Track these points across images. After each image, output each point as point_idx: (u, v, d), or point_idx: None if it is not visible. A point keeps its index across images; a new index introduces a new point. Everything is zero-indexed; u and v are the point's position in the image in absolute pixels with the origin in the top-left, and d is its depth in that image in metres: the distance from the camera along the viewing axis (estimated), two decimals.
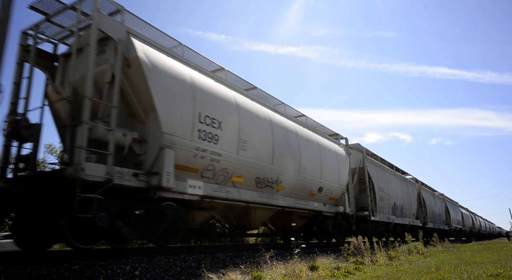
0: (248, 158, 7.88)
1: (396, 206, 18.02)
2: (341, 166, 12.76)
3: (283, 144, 9.31)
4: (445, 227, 29.16)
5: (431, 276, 5.22)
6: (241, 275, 5.13)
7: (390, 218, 16.84)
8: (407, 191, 20.68)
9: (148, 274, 4.98)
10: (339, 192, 12.51)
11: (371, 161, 16.46)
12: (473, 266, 6.48)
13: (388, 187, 17.22)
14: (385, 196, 16.48)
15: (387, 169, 18.69)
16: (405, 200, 19.63)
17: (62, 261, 4.58)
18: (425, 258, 9.67)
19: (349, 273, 6.11)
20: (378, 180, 15.99)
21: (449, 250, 13.94)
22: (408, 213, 20.12)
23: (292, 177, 9.65)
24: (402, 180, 20.88)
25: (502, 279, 4.79)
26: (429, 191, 27.46)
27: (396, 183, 19.06)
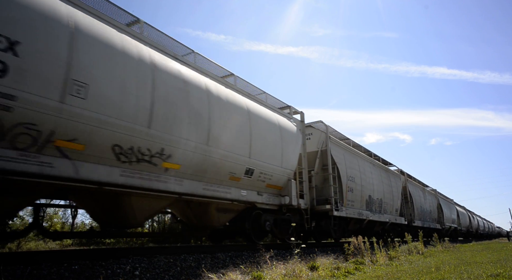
0: (89, 112, 4.97)
1: (373, 200, 14.99)
2: (288, 145, 9.59)
3: (175, 102, 6.36)
4: (436, 226, 26.16)
5: (431, 276, 5.22)
6: (241, 275, 5.13)
7: (362, 214, 13.83)
8: (389, 184, 17.52)
9: (148, 274, 4.98)
10: (284, 178, 9.38)
11: (338, 143, 13.36)
12: (473, 266, 6.48)
13: (361, 176, 14.16)
14: (356, 187, 13.56)
15: (361, 155, 15.43)
16: (385, 194, 16.47)
17: (62, 261, 4.58)
18: (425, 258, 9.67)
19: (349, 273, 6.11)
20: (346, 167, 13.06)
21: (449, 250, 13.94)
22: (390, 209, 17.05)
23: (193, 151, 6.59)
24: (383, 170, 17.66)
25: (502, 279, 4.79)
26: (417, 185, 24.34)
27: (374, 173, 15.96)
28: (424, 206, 23.71)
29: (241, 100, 8.32)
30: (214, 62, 8.46)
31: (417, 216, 21.59)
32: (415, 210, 21.28)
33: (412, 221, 20.51)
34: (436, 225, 26.29)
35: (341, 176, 12.47)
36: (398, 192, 18.75)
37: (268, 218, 9.19)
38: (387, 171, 18.49)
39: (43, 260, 4.47)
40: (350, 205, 12.96)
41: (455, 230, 33.39)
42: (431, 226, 24.58)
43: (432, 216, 25.75)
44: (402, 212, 19.27)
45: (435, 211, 26.91)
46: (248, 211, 8.71)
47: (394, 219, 17.59)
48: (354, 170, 13.77)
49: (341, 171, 12.56)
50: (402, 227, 19.13)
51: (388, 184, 17.53)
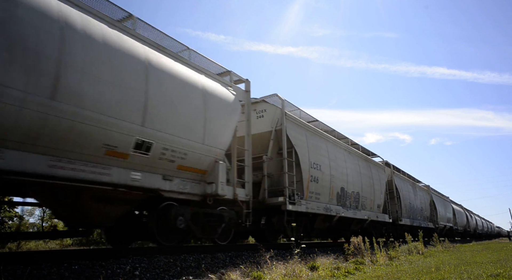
0: None
1: (346, 194, 12.71)
2: (217, 117, 7.36)
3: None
4: (429, 225, 23.98)
5: (431, 276, 5.22)
6: (241, 275, 5.13)
7: (331, 209, 11.39)
8: (369, 175, 15.08)
9: (148, 274, 4.98)
10: (208, 159, 7.11)
11: (298, 123, 10.75)
12: (473, 266, 6.49)
13: (331, 165, 11.82)
14: (324, 177, 11.20)
15: (332, 140, 12.92)
16: (363, 187, 14.19)
17: (62, 261, 4.58)
18: (425, 258, 9.68)
19: (349, 273, 6.11)
20: (309, 152, 10.65)
21: (449, 250, 13.94)
22: (369, 205, 14.64)
23: (19, 106, 4.38)
24: (362, 159, 15.18)
25: (502, 279, 4.79)
26: (406, 180, 21.94)
27: (350, 162, 13.55)
28: (414, 202, 21.40)
29: (137, 47, 6.04)
30: None
31: (405, 214, 19.35)
32: (402, 207, 19.00)
33: (398, 219, 18.29)
34: (428, 223, 24.18)
35: (302, 162, 9.98)
36: (381, 185, 16.26)
37: (182, 212, 6.80)
38: (368, 161, 15.90)
39: (43, 260, 4.47)
40: (314, 198, 10.54)
41: (450, 230, 31.65)
42: (422, 225, 22.42)
43: (424, 214, 23.64)
44: (386, 209, 16.94)
45: (427, 208, 24.63)
46: (154, 202, 6.61)
47: (375, 216, 15.13)
48: (321, 157, 11.29)
49: (302, 156, 10.08)
50: (386, 225, 17.08)
51: (368, 175, 15.03)
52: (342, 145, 13.70)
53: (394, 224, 17.96)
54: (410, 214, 20.38)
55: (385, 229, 17.22)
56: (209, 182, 7.24)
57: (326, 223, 12.01)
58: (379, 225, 16.61)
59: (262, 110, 10.27)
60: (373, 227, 15.78)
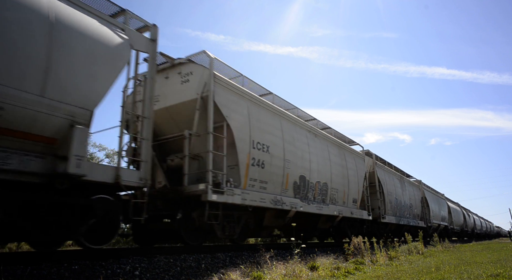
0: None
1: (308, 184, 10.25)
2: (78, 63, 4.97)
3: None
4: (419, 223, 21.74)
5: (431, 276, 5.22)
6: (241, 275, 5.14)
7: (283, 202, 8.87)
8: (343, 165, 12.78)
9: (148, 274, 4.98)
10: (56, 121, 4.70)
11: (234, 88, 8.19)
12: (473, 266, 6.49)
13: (285, 147, 9.31)
14: (273, 161, 8.74)
15: (289, 118, 10.16)
16: (334, 177, 11.86)
17: (62, 261, 4.59)
18: (425, 258, 9.68)
19: (349, 273, 6.11)
20: (252, 127, 8.23)
21: (449, 250, 13.96)
22: (342, 199, 12.37)
23: None
24: (333, 145, 12.61)
25: (502, 279, 4.80)
26: (392, 173, 19.34)
27: (315, 147, 11.02)
28: (401, 198, 19.02)
29: None
30: None
31: (390, 211, 17.02)
32: (386, 203, 16.60)
33: (381, 216, 15.80)
34: (419, 222, 21.94)
35: (238, 140, 7.66)
36: (359, 177, 13.86)
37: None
38: (342, 148, 13.38)
39: (43, 260, 4.47)
40: (258, 188, 8.18)
41: (445, 229, 29.26)
42: (411, 223, 20.16)
43: (414, 212, 21.35)
44: (365, 205, 14.73)
45: (418, 205, 22.31)
46: None
47: (350, 212, 12.73)
48: (271, 136, 8.88)
49: (238, 132, 7.74)
50: (364, 223, 14.77)
51: (342, 165, 12.65)
52: (305, 126, 11.03)
53: (376, 222, 15.70)
54: (396, 211, 17.89)
55: (365, 227, 14.84)
56: (61, 157, 4.71)
57: (279, 219, 9.55)
58: (356, 223, 14.22)
59: (188, 73, 7.89)
60: (348, 226, 13.67)
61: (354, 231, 14.06)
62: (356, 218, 13.55)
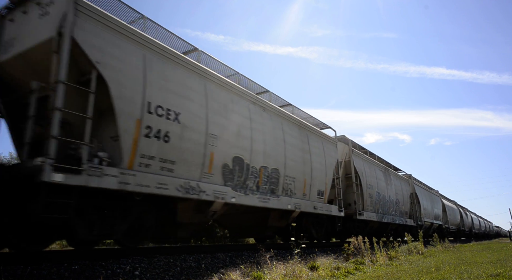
0: None
1: (248, 169, 7.96)
2: None
3: None
4: (407, 222, 19.42)
5: (431, 276, 5.22)
6: (241, 275, 5.14)
7: (200, 190, 6.62)
8: (301, 147, 10.20)
9: (148, 274, 4.98)
10: None
11: (111, 24, 5.71)
12: (473, 266, 6.49)
13: (208, 117, 7.09)
14: (186, 135, 6.54)
15: (217, 79, 7.65)
16: (289, 163, 9.42)
17: (62, 261, 4.59)
18: (425, 258, 9.68)
19: (349, 273, 6.11)
20: (146, 83, 5.97)
21: (449, 250, 13.97)
22: (302, 190, 9.93)
23: None
24: (290, 124, 10.01)
25: (502, 279, 4.80)
26: (374, 163, 16.66)
27: (263, 123, 8.74)
28: (385, 193, 16.50)
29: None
30: None
31: (370, 206, 14.51)
32: (365, 197, 14.05)
33: (357, 213, 13.32)
34: (407, 220, 19.64)
35: (117, 97, 5.38)
36: (327, 165, 11.41)
37: None
38: (304, 129, 10.68)
39: (43, 260, 4.47)
40: (156, 168, 5.91)
41: (439, 228, 26.94)
42: (397, 221, 17.71)
43: (401, 209, 18.96)
44: (336, 198, 12.15)
45: (406, 202, 19.98)
46: None
47: (312, 207, 10.22)
48: (186, 101, 6.57)
49: (118, 86, 5.46)
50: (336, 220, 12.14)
51: (303, 148, 10.21)
52: (247, 96, 8.48)
53: (351, 220, 13.45)
54: (378, 207, 15.47)
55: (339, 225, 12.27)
56: None
57: (200, 215, 7.23)
58: (324, 220, 11.80)
59: (49, 2, 5.49)
60: (313, 223, 11.22)
61: (321, 230, 11.65)
62: (322, 215, 11.16)
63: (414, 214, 21.33)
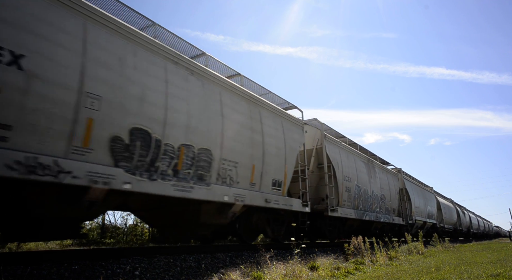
0: None
1: (152, 143, 5.74)
2: None
3: None
4: (394, 220, 17.22)
5: (431, 276, 5.22)
6: (241, 275, 5.14)
7: (41, 166, 4.20)
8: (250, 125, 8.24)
9: (148, 274, 4.98)
10: None
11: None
12: (473, 266, 6.49)
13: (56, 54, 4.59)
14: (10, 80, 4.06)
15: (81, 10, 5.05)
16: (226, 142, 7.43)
17: (62, 261, 4.59)
18: (425, 258, 9.69)
19: (349, 273, 6.11)
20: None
21: (449, 250, 13.98)
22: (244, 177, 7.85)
23: None
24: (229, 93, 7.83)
25: (502, 279, 4.80)
26: (354, 153, 14.52)
27: (183, 78, 6.65)
28: (367, 187, 14.44)
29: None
30: None
31: (347, 201, 12.53)
32: (341, 191, 12.10)
33: (328, 209, 11.15)
34: (395, 218, 17.45)
35: None
36: (287, 150, 9.28)
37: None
38: (255, 104, 8.61)
39: (43, 260, 4.48)
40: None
41: (433, 228, 24.88)
42: (382, 219, 15.52)
43: (388, 205, 16.79)
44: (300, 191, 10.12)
45: (394, 198, 17.69)
46: None
47: (264, 200, 8.14)
48: (27, 35, 4.37)
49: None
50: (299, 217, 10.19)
51: (251, 127, 8.17)
52: (165, 52, 6.39)
53: (320, 217, 11.37)
54: (358, 203, 13.35)
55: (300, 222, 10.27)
56: None
57: (67, 206, 5.06)
58: (285, 217, 9.79)
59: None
60: (269, 220, 9.21)
61: (280, 229, 9.64)
62: (279, 210, 9.14)
63: (404, 212, 19.39)
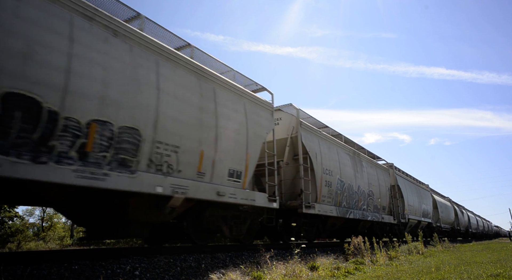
0: None
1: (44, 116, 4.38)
2: None
3: None
4: (384, 219, 15.66)
5: (431, 276, 5.22)
6: (241, 275, 5.14)
7: None
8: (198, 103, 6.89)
9: (148, 274, 4.98)
10: None
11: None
12: (473, 266, 6.49)
13: None
14: None
15: None
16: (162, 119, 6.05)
17: (62, 261, 4.59)
18: (425, 258, 9.68)
19: (349, 273, 6.11)
20: None
21: (449, 250, 13.98)
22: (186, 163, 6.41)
23: None
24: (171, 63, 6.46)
25: (502, 279, 4.80)
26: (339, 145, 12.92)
27: (101, 38, 5.35)
28: (352, 182, 12.94)
29: None
30: None
31: (328, 197, 10.94)
32: (319, 186, 10.55)
33: (304, 205, 9.60)
34: (385, 217, 15.89)
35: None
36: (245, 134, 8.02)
37: None
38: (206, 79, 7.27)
39: (43, 260, 4.47)
40: None
41: (429, 227, 23.41)
42: (370, 218, 13.91)
43: (377, 203, 15.23)
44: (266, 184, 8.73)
45: (384, 195, 16.19)
46: None
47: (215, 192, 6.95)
48: None
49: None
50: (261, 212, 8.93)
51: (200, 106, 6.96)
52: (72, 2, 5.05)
53: (296, 214, 9.77)
54: (341, 199, 11.86)
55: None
56: None
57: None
58: (248, 213, 8.53)
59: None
60: (226, 218, 7.97)
61: (241, 228, 8.34)
62: (239, 205, 7.96)
63: (395, 210, 17.76)
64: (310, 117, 11.86)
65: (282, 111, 10.80)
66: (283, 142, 10.46)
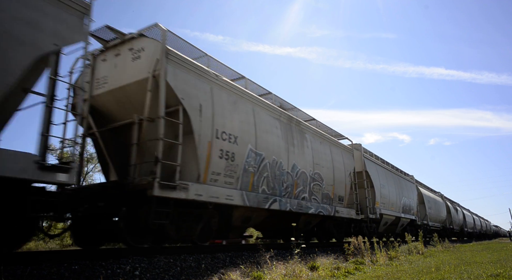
0: None
1: None
2: None
3: None
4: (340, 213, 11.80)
5: (431, 276, 5.22)
6: (241, 275, 5.14)
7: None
8: None
9: (148, 274, 4.98)
10: None
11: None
12: (473, 266, 6.49)
13: None
14: None
15: None
16: None
17: (62, 261, 4.58)
18: (425, 258, 9.69)
19: (349, 273, 6.11)
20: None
21: (449, 250, 13.98)
22: None
23: None
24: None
25: (502, 279, 4.80)
26: (260, 104, 8.79)
27: None
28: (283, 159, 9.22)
29: None
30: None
31: (226, 176, 7.20)
32: (205, 155, 6.72)
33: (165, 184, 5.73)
34: (341, 209, 11.94)
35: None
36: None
37: None
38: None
39: (43, 260, 4.47)
40: None
41: (412, 225, 20.09)
42: (312, 210, 10.13)
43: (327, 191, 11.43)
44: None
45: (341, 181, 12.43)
46: None
47: None
48: None
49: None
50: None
51: None
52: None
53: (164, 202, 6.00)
54: (257, 181, 8.12)
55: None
56: None
57: None
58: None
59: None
60: None
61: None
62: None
63: (362, 203, 14.08)
64: (192, 47, 7.55)
65: (147, 37, 6.74)
66: (143, 85, 6.32)
